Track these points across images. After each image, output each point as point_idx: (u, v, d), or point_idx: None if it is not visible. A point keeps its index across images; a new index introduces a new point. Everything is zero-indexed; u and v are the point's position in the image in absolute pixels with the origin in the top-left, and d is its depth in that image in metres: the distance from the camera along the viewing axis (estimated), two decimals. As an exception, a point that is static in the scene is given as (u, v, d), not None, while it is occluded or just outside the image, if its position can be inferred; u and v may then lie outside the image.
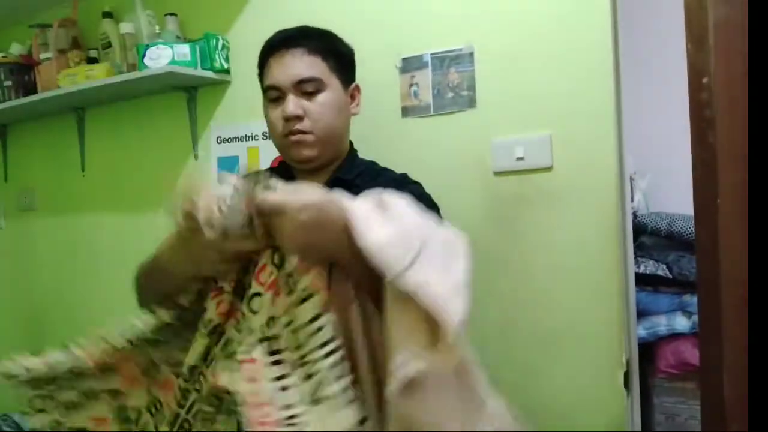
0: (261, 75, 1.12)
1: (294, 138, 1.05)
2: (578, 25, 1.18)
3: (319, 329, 0.64)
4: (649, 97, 2.09)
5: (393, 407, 0.60)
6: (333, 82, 1.07)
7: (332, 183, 1.09)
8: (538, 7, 1.21)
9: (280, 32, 1.10)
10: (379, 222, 0.64)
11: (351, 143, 1.18)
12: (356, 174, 1.11)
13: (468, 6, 1.28)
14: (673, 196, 1.93)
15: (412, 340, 0.59)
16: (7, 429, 1.89)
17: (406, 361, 0.58)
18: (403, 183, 1.09)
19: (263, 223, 0.67)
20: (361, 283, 0.71)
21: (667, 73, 1.89)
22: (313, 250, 0.68)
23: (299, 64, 1.04)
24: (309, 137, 1.04)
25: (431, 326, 0.58)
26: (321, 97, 1.05)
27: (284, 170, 1.12)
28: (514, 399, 1.25)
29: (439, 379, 0.60)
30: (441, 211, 1.07)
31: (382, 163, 1.18)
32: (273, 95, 1.06)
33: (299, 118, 1.04)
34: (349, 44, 1.14)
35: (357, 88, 1.16)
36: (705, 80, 0.73)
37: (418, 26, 1.34)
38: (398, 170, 1.16)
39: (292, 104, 1.03)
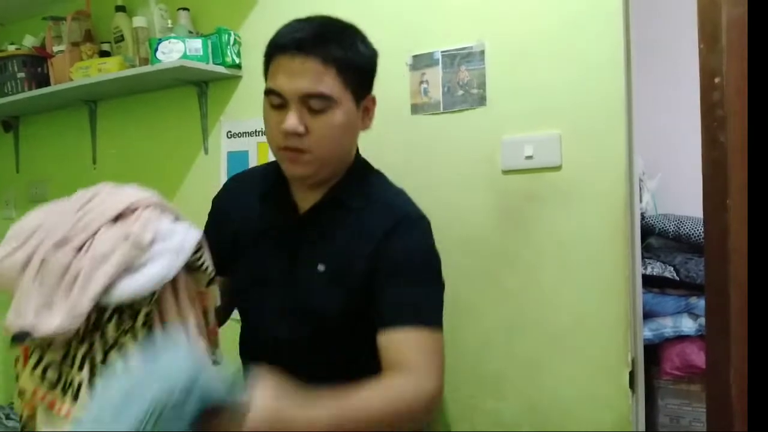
0: (266, 71, 0.99)
1: (290, 154, 0.94)
2: (589, 25, 1.18)
3: None
4: (659, 97, 2.08)
5: None
6: (345, 100, 0.94)
7: (329, 202, 1.00)
8: (550, 5, 1.21)
9: (294, 26, 0.96)
10: None
11: (357, 156, 1.06)
12: (354, 195, 1.00)
13: (479, 4, 1.28)
14: (682, 198, 1.92)
15: None
16: (15, 417, 1.91)
17: None
18: (402, 222, 0.96)
19: None
20: None
21: (677, 73, 1.88)
22: None
23: (309, 76, 0.90)
24: (306, 156, 0.93)
25: None
26: (328, 117, 0.92)
27: (281, 174, 1.02)
28: (519, 395, 1.27)
29: None
30: (441, 263, 0.98)
31: (392, 162, 1.13)
32: (275, 101, 0.94)
33: (299, 135, 0.91)
34: (372, 46, 1.01)
35: (372, 100, 1.02)
36: (717, 80, 0.73)
37: (428, 23, 1.34)
38: (408, 168, 1.15)
39: (294, 120, 0.90)
